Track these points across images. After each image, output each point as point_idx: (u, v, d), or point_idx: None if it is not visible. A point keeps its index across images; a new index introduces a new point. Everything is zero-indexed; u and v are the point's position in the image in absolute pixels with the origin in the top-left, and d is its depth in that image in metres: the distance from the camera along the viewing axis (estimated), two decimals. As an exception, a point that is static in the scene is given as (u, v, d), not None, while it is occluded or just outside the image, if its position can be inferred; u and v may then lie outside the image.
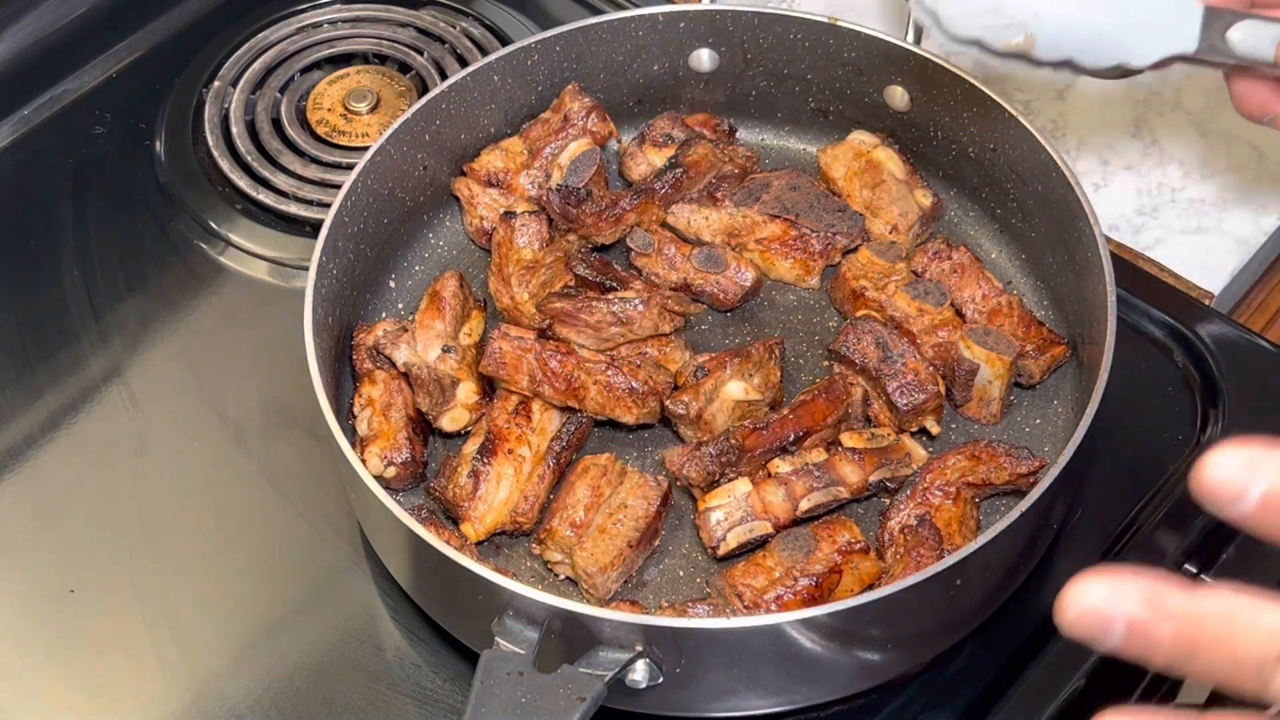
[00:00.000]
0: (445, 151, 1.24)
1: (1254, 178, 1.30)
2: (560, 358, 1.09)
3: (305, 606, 1.10)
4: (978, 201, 1.25)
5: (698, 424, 1.10)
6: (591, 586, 1.05)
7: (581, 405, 1.10)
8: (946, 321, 1.15)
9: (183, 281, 1.28)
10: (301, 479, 1.15)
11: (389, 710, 1.04)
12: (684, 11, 1.25)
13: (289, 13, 1.46)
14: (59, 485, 1.16)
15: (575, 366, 1.10)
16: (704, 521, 1.06)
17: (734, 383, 1.11)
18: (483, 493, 1.07)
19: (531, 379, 1.09)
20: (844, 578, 1.03)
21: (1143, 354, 1.19)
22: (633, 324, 1.12)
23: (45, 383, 1.22)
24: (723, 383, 1.11)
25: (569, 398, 1.10)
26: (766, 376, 1.12)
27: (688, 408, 1.09)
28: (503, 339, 1.10)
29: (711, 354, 1.13)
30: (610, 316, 1.12)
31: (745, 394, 1.11)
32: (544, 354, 1.09)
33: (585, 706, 0.89)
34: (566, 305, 1.12)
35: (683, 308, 1.15)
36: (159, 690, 1.06)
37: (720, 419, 1.11)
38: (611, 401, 1.10)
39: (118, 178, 1.35)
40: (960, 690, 1.03)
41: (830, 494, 1.07)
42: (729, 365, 1.11)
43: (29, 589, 1.11)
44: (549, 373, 1.09)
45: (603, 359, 1.10)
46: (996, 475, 1.06)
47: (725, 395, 1.11)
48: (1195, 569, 1.09)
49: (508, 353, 1.09)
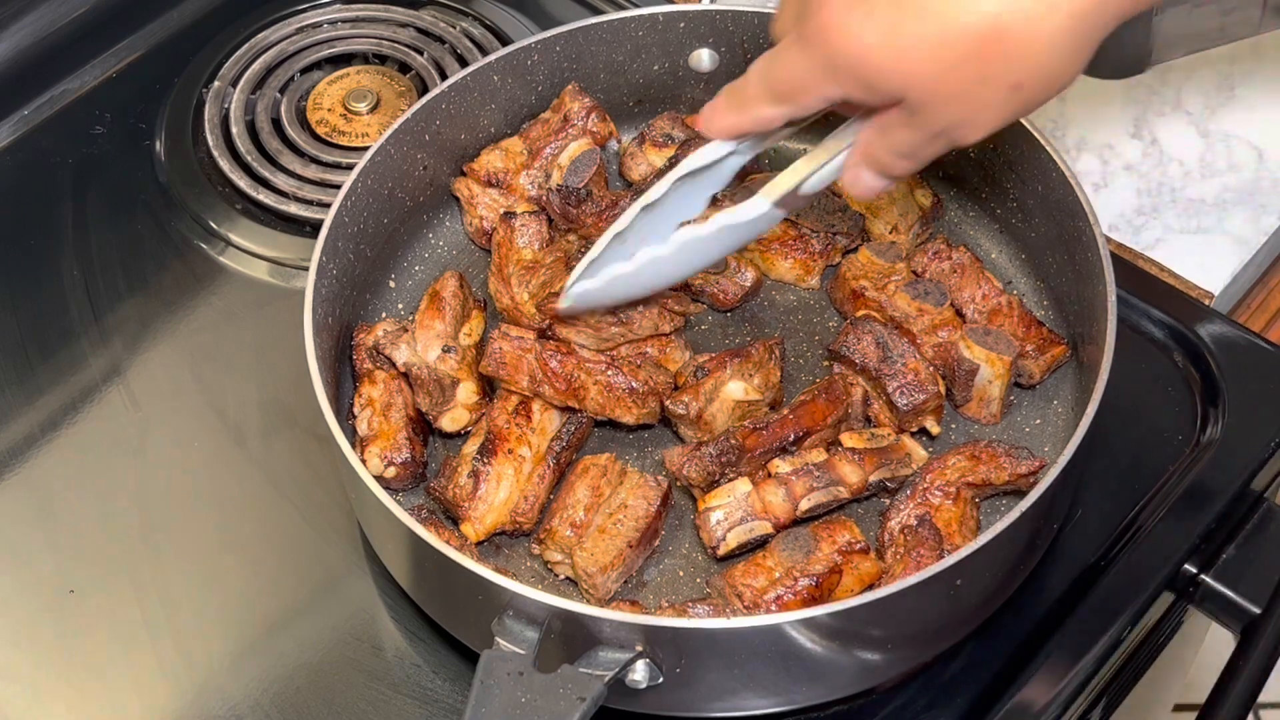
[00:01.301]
0: (445, 151, 1.24)
1: (1254, 178, 1.30)
2: (560, 358, 1.09)
3: (305, 606, 1.10)
4: (978, 201, 1.25)
5: (698, 424, 1.10)
6: (591, 587, 1.05)
7: (582, 405, 1.10)
8: (946, 321, 1.15)
9: (183, 281, 1.28)
10: (301, 479, 1.15)
11: (389, 710, 1.04)
12: (684, 11, 1.25)
13: (289, 13, 1.46)
14: (59, 485, 1.16)
15: (575, 366, 1.10)
16: (704, 521, 1.06)
17: (734, 383, 1.11)
18: (483, 493, 1.07)
19: (532, 379, 1.09)
20: (844, 578, 1.03)
21: (1143, 354, 1.19)
22: (633, 324, 1.12)
23: (45, 383, 1.22)
24: (723, 383, 1.11)
25: (569, 398, 1.10)
26: (766, 377, 1.12)
27: (688, 408, 1.09)
28: (503, 339, 1.10)
29: (711, 354, 1.13)
30: (610, 316, 1.12)
31: (745, 394, 1.11)
32: (544, 354, 1.09)
33: (585, 706, 0.89)
34: None
35: (683, 307, 1.15)
36: (159, 690, 1.06)
37: (720, 419, 1.11)
38: (612, 402, 1.10)
39: (118, 178, 1.35)
40: (960, 690, 1.03)
41: (830, 494, 1.07)
42: (729, 365, 1.11)
43: (29, 589, 1.11)
44: (549, 373, 1.09)
45: (603, 359, 1.10)
46: (996, 475, 1.06)
47: (725, 395, 1.11)
48: (1195, 569, 1.09)
49: (508, 353, 1.09)
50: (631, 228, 1.03)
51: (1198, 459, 1.13)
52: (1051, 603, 1.07)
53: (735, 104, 0.96)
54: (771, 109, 0.93)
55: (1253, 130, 1.33)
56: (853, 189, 0.96)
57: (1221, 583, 1.09)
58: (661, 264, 1.02)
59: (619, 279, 1.03)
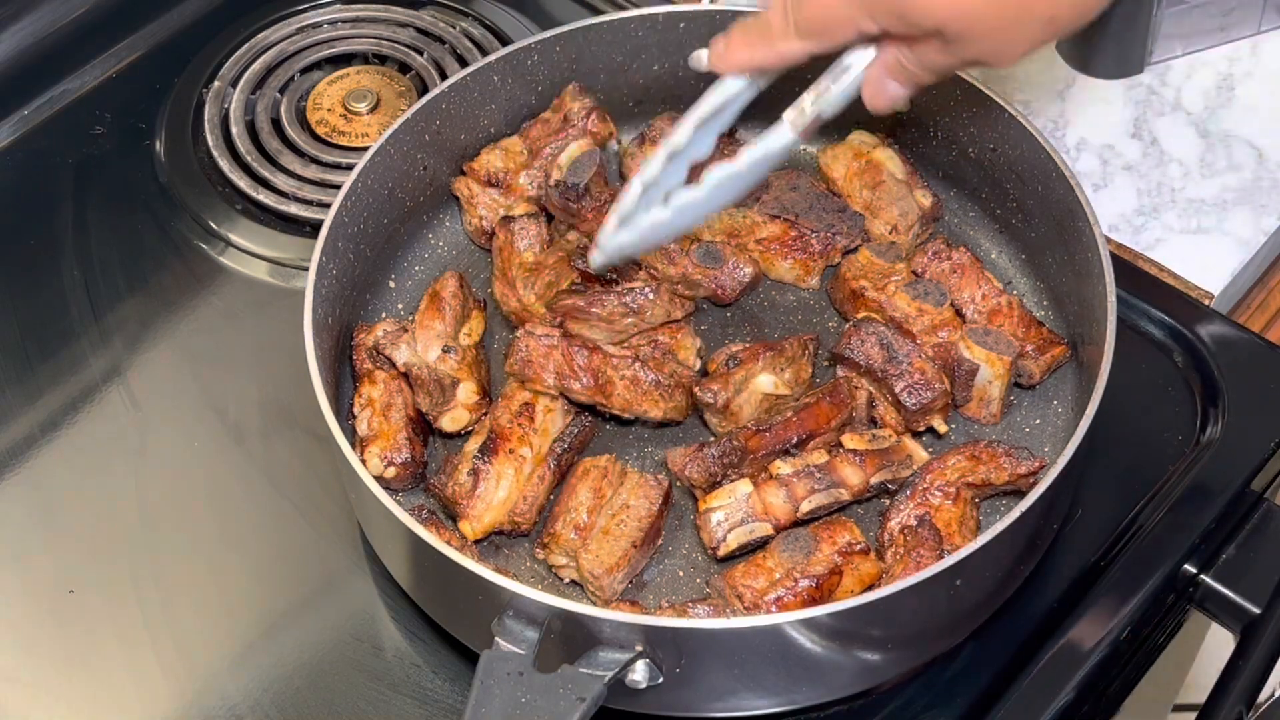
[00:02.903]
0: (445, 151, 1.24)
1: (1254, 178, 1.30)
2: (586, 354, 1.09)
3: (305, 606, 1.10)
4: (978, 201, 1.25)
5: (725, 413, 1.10)
6: (598, 589, 1.05)
7: (608, 402, 1.10)
8: (946, 321, 1.15)
9: (183, 281, 1.28)
10: (301, 479, 1.15)
11: (389, 710, 1.04)
12: (684, 11, 1.25)
13: (289, 13, 1.47)
14: (59, 485, 1.16)
15: (602, 362, 1.10)
16: (705, 522, 1.06)
17: (765, 375, 1.11)
18: (481, 491, 1.07)
19: (558, 375, 1.09)
20: (844, 579, 1.03)
21: (1143, 354, 1.19)
22: (644, 312, 1.12)
23: (45, 383, 1.22)
24: (753, 374, 1.11)
25: (596, 394, 1.10)
26: (798, 372, 1.12)
27: (716, 396, 1.09)
28: (528, 337, 1.10)
29: (746, 344, 1.13)
30: (622, 308, 1.12)
31: (775, 388, 1.11)
32: (570, 349, 1.09)
33: (585, 706, 0.89)
34: (577, 301, 1.12)
35: (692, 291, 1.15)
36: (159, 690, 1.06)
37: (747, 410, 1.11)
38: (639, 396, 1.09)
39: (118, 178, 1.35)
40: (960, 690, 1.03)
41: (831, 495, 1.07)
42: (762, 357, 1.11)
43: (29, 589, 1.11)
44: (576, 369, 1.09)
45: (627, 353, 1.10)
46: (996, 476, 1.06)
47: (755, 387, 1.11)
48: (1195, 569, 1.09)
49: (534, 350, 1.09)
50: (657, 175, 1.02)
51: (1198, 459, 1.13)
52: (1051, 603, 1.07)
53: (756, 39, 0.94)
54: (799, 44, 0.92)
55: (1253, 130, 1.33)
56: (876, 100, 0.95)
57: (1221, 583, 1.09)
58: (697, 206, 1.01)
59: (656, 226, 1.02)
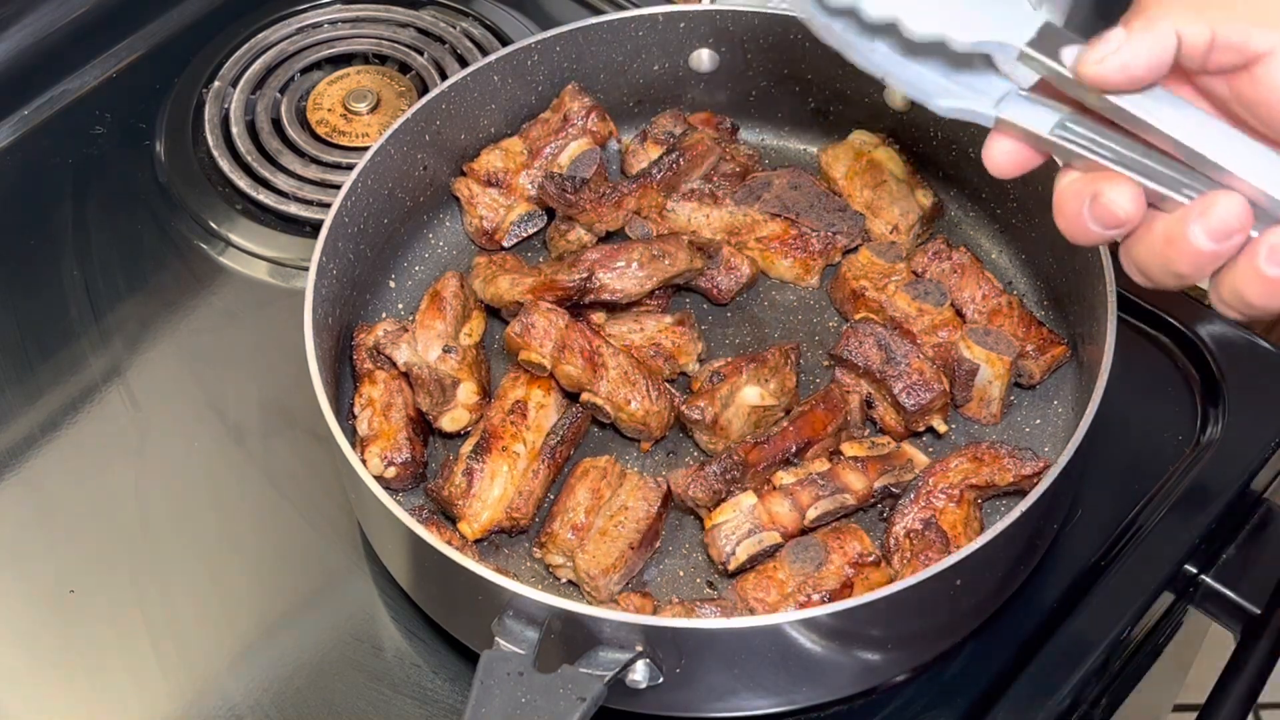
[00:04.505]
0: (445, 151, 1.24)
1: (1254, 178, 1.30)
2: (589, 334, 1.10)
3: (305, 606, 1.10)
4: (978, 201, 1.25)
5: (714, 429, 1.10)
6: (594, 589, 1.05)
7: (594, 388, 1.10)
8: (946, 321, 1.15)
9: (183, 281, 1.28)
10: (301, 479, 1.15)
11: (389, 710, 1.04)
12: (684, 11, 1.25)
13: (289, 13, 1.46)
14: (59, 485, 1.16)
15: (602, 344, 1.10)
16: (713, 539, 1.06)
17: (750, 387, 1.11)
18: (477, 490, 1.07)
19: (556, 345, 1.09)
20: (855, 590, 1.02)
21: (1143, 354, 1.19)
22: (669, 256, 1.15)
23: (45, 383, 1.22)
24: (739, 387, 1.11)
25: (588, 372, 1.09)
26: (782, 382, 1.12)
27: (703, 413, 1.09)
28: (535, 308, 1.10)
29: (727, 359, 1.13)
30: (648, 252, 1.14)
31: (761, 399, 1.11)
32: (574, 328, 1.10)
33: (585, 706, 0.89)
34: (605, 248, 1.15)
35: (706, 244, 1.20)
36: (159, 690, 1.06)
37: (736, 424, 1.10)
38: (627, 386, 1.09)
39: (118, 178, 1.35)
40: (960, 690, 1.03)
41: (837, 501, 1.06)
42: (745, 370, 1.11)
43: (29, 589, 1.11)
44: (572, 342, 1.09)
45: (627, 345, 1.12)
46: (1000, 477, 1.06)
47: (741, 400, 1.10)
48: (1195, 569, 1.09)
49: (541, 320, 1.10)
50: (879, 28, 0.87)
51: (1198, 459, 1.13)
52: (1052, 602, 1.07)
53: None
54: None
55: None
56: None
57: (1221, 583, 1.09)
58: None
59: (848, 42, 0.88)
